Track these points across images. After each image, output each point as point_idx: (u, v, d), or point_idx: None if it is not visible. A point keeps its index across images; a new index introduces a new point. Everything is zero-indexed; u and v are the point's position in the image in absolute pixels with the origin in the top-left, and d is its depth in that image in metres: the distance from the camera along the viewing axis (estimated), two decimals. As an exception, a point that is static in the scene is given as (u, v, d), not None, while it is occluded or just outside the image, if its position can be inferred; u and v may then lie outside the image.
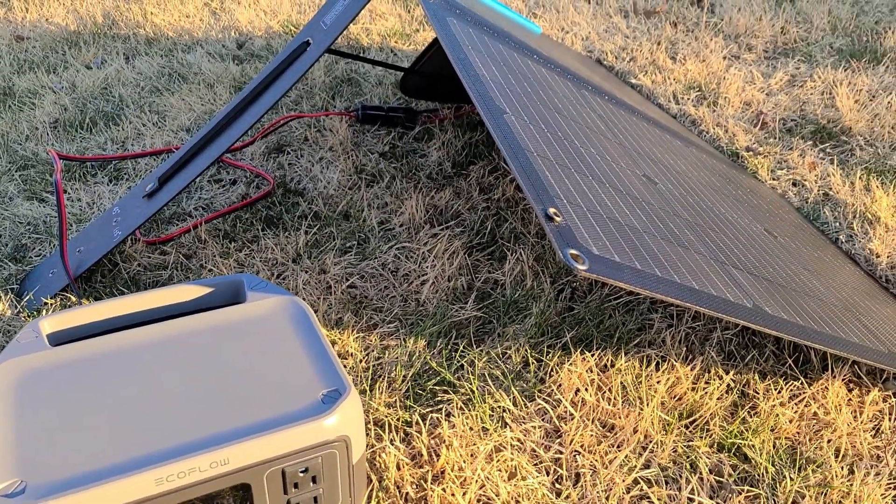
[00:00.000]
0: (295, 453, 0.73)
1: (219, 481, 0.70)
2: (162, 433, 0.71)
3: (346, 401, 0.75)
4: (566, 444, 0.97)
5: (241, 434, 0.71)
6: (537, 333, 1.14)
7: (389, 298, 1.23)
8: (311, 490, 0.76)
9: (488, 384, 1.05)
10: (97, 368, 0.78)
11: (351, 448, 0.77)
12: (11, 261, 1.28)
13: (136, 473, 0.67)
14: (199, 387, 0.76)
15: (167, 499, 0.68)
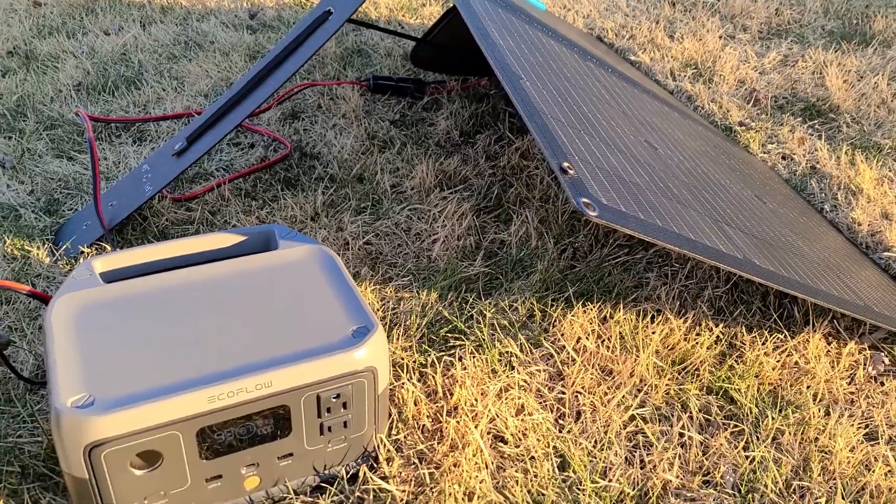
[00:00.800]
0: (329, 380, 0.81)
1: (262, 402, 0.79)
2: (212, 358, 0.79)
3: (374, 336, 0.84)
4: (568, 385, 1.06)
5: (282, 361, 0.79)
6: (542, 288, 1.23)
7: (403, 255, 1.31)
8: (341, 415, 0.85)
9: (497, 332, 1.13)
10: (149, 303, 0.86)
11: (377, 379, 0.85)
12: (46, 213, 1.35)
13: (190, 391, 0.75)
14: (243, 321, 0.85)
15: (217, 415, 0.77)
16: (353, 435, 0.87)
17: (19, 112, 1.68)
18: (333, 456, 0.88)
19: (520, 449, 0.96)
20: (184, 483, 0.80)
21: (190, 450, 0.78)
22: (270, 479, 0.85)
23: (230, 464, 0.81)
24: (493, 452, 0.95)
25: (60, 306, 0.85)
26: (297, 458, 0.85)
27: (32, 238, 1.28)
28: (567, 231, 1.37)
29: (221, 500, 0.84)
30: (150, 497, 0.79)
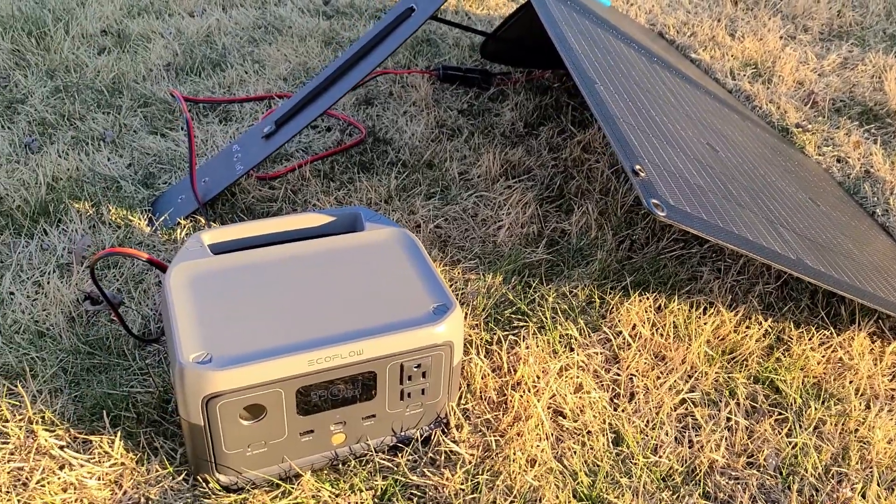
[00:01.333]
0: (412, 352, 0.91)
1: (353, 367, 0.89)
2: (311, 326, 0.90)
3: (453, 313, 0.93)
4: (623, 368, 1.14)
5: (372, 332, 0.90)
6: (600, 276, 1.31)
7: (470, 239, 1.41)
8: (420, 383, 0.95)
9: (557, 315, 1.22)
10: (255, 273, 0.97)
11: (453, 352, 0.95)
12: (143, 186, 1.48)
13: (294, 354, 0.86)
14: (337, 293, 0.95)
15: (314, 377, 0.87)
16: (428, 402, 0.97)
17: (115, 89, 1.80)
18: (410, 419, 0.98)
19: (577, 423, 1.05)
20: (281, 435, 0.90)
21: (289, 406, 0.88)
22: (354, 437, 0.96)
23: (321, 421, 0.92)
24: (553, 425, 1.05)
25: (177, 273, 0.96)
26: (379, 420, 0.96)
27: (133, 209, 1.40)
28: (625, 223, 1.45)
29: (311, 453, 0.95)
30: (253, 445, 0.90)
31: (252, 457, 0.91)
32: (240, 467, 0.91)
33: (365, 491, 0.95)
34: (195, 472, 0.92)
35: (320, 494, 0.93)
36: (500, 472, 0.97)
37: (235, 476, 0.92)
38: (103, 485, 0.94)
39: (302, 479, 0.94)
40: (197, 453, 0.89)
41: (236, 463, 0.90)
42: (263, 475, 0.93)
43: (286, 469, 0.94)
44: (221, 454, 0.89)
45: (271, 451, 0.91)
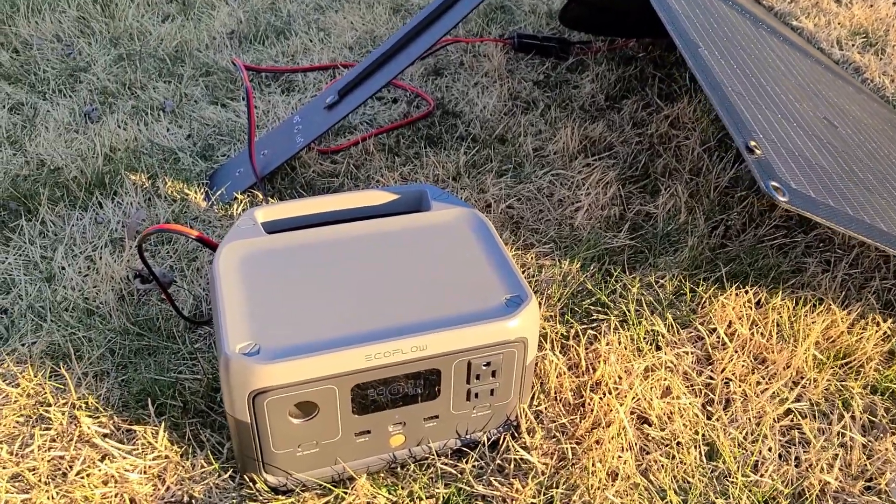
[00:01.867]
0: (481, 348, 0.81)
1: (416, 364, 0.79)
2: (371, 316, 0.80)
3: (528, 307, 0.82)
4: (717, 371, 1.01)
5: (437, 325, 0.80)
6: (691, 266, 1.18)
7: (545, 221, 1.29)
8: (489, 383, 0.84)
9: (642, 308, 1.10)
10: (310, 255, 0.88)
11: (527, 350, 0.84)
12: (201, 158, 1.41)
13: (350, 348, 0.77)
14: (399, 280, 0.85)
15: (372, 373, 0.78)
16: (497, 403, 0.87)
17: (178, 58, 1.74)
18: (477, 422, 0.88)
19: (665, 432, 0.93)
20: (335, 435, 0.82)
21: (344, 404, 0.79)
22: (415, 439, 0.86)
23: (379, 421, 0.83)
24: (637, 433, 0.93)
25: (227, 254, 0.88)
26: (443, 421, 0.86)
27: (190, 182, 1.34)
28: (719, 207, 1.30)
29: (367, 455, 0.86)
30: (304, 445, 0.81)
31: (303, 457, 0.83)
32: (289, 468, 0.83)
33: (425, 500, 0.85)
34: (242, 471, 0.85)
35: (376, 501, 0.85)
36: (577, 486, 0.86)
37: (284, 477, 0.84)
38: (146, 479, 0.87)
39: (356, 483, 0.86)
40: (244, 451, 0.81)
41: (285, 463, 0.82)
42: (314, 478, 0.85)
43: (339, 471, 0.86)
44: (269, 453, 0.81)
45: (324, 451, 0.83)
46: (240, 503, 0.85)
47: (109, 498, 0.86)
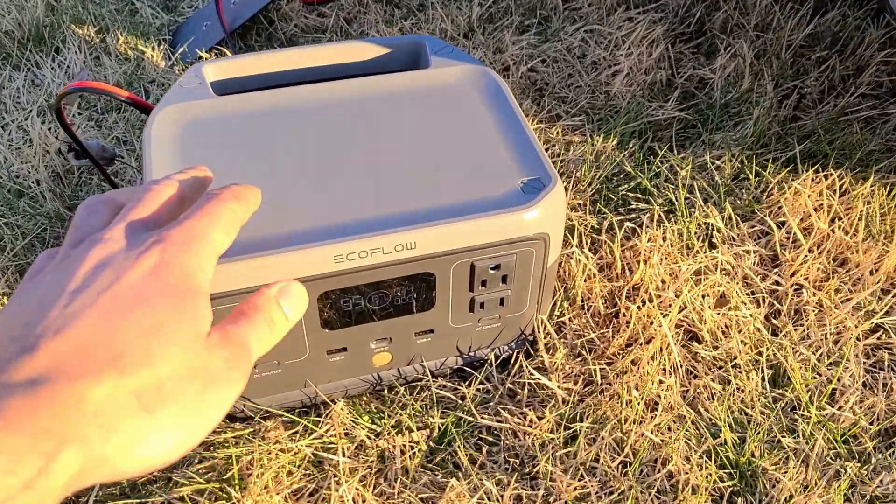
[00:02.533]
0: (488, 247, 0.61)
1: (401, 267, 0.60)
2: (343, 204, 0.60)
3: (551, 193, 0.62)
4: (786, 275, 0.81)
5: (431, 217, 0.59)
6: (755, 144, 0.95)
7: (575, 88, 1.06)
8: (498, 290, 0.65)
9: (693, 196, 0.88)
10: (268, 123, 0.67)
11: (548, 249, 0.64)
12: (163, 10, 1.18)
13: (314, 246, 0.57)
14: (383, 157, 0.64)
15: (345, 278, 0.59)
16: (509, 314, 0.68)
17: None
18: (482, 337, 0.70)
19: (719, 352, 0.74)
20: (301, 353, 0.64)
21: (309, 316, 0.61)
22: (404, 358, 0.69)
23: (357, 336, 0.65)
24: (684, 353, 0.74)
25: (163, 119, 0.67)
26: (439, 337, 0.68)
27: (147, 37, 1.11)
28: (792, 71, 1.06)
29: (344, 377, 0.68)
30: (263, 366, 0.64)
31: (262, 381, 0.65)
32: (245, 392, 0.66)
33: (416, 431, 0.68)
34: None
35: (354, 433, 0.68)
36: (607, 419, 0.68)
37: (240, 402, 0.67)
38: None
39: (331, 410, 0.69)
40: None
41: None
42: (279, 403, 0.68)
43: (311, 396, 0.68)
44: None
45: (289, 373, 0.65)
46: (187, 432, 0.69)
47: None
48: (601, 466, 0.66)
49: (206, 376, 0.34)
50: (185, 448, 0.33)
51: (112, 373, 0.31)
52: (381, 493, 0.65)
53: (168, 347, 0.33)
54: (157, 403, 0.32)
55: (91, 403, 0.30)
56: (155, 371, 0.32)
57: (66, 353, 0.31)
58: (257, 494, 0.63)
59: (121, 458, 0.31)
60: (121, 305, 0.33)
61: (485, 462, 0.67)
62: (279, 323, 0.41)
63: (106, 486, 0.65)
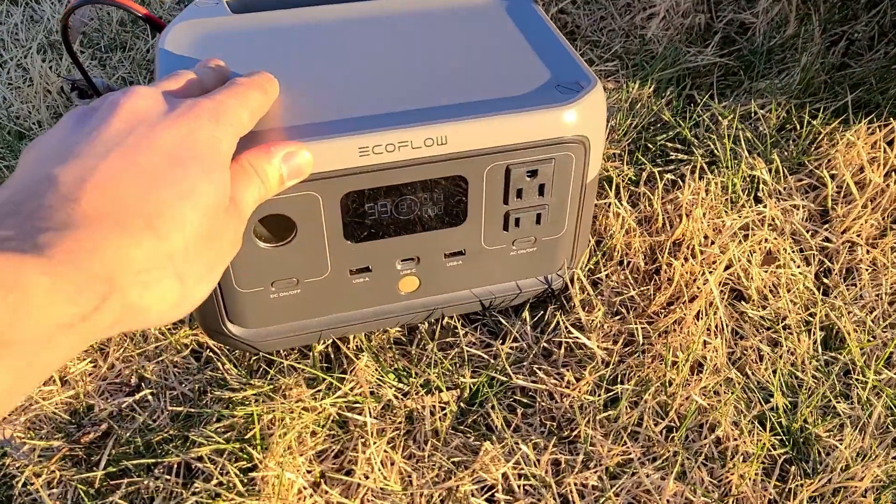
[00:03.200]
0: (524, 147, 0.56)
1: (431, 167, 0.55)
2: (370, 100, 0.56)
3: (591, 93, 0.57)
4: (837, 231, 0.76)
5: (463, 113, 0.54)
6: (801, 92, 0.90)
7: (608, 32, 1.00)
8: (535, 204, 0.59)
9: (738, 146, 0.83)
10: (289, 39, 0.62)
11: (588, 157, 0.59)
12: (169, -56, 1.11)
13: (338, 137, 0.52)
14: (411, 64, 0.60)
15: (370, 177, 0.54)
16: (546, 237, 0.63)
17: None
18: (517, 265, 0.64)
19: (767, 311, 0.70)
20: (322, 271, 0.59)
21: (331, 223, 0.56)
22: (433, 284, 0.63)
23: (382, 253, 0.59)
24: (730, 312, 0.70)
25: (176, 34, 0.62)
26: (470, 260, 0.62)
27: (154, -28, 1.05)
28: (840, 15, 0.99)
29: (368, 304, 0.63)
30: (280, 284, 0.58)
31: (279, 302, 0.60)
32: (261, 316, 0.60)
33: (445, 391, 0.64)
34: (203, 328, 0.63)
35: (381, 391, 0.64)
36: (649, 381, 0.64)
37: (255, 328, 0.61)
38: (83, 354, 0.67)
39: (356, 367, 0.65)
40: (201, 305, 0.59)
41: (256, 310, 0.60)
42: (296, 334, 0.63)
43: (332, 324, 0.63)
44: (233, 295, 0.58)
45: (308, 295, 0.60)
46: (204, 388, 0.65)
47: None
48: (644, 431, 0.62)
49: (220, 243, 0.38)
50: (194, 305, 0.38)
51: (149, 234, 0.33)
52: (411, 456, 0.61)
53: (197, 215, 0.35)
54: (186, 268, 0.35)
55: (134, 262, 0.33)
56: (185, 236, 0.35)
57: (109, 206, 0.33)
58: (280, 455, 0.59)
59: (153, 313, 0.34)
60: (155, 165, 0.35)
61: (519, 425, 0.63)
62: (274, 183, 0.43)
63: (120, 444, 0.61)
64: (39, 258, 0.30)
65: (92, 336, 0.32)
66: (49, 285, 0.29)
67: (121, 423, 0.63)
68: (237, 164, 0.41)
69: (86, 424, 0.62)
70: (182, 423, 0.62)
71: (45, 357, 0.29)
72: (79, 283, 0.30)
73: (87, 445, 0.61)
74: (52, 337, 0.29)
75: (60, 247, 0.30)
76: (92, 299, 0.31)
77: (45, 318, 0.29)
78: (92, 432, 0.61)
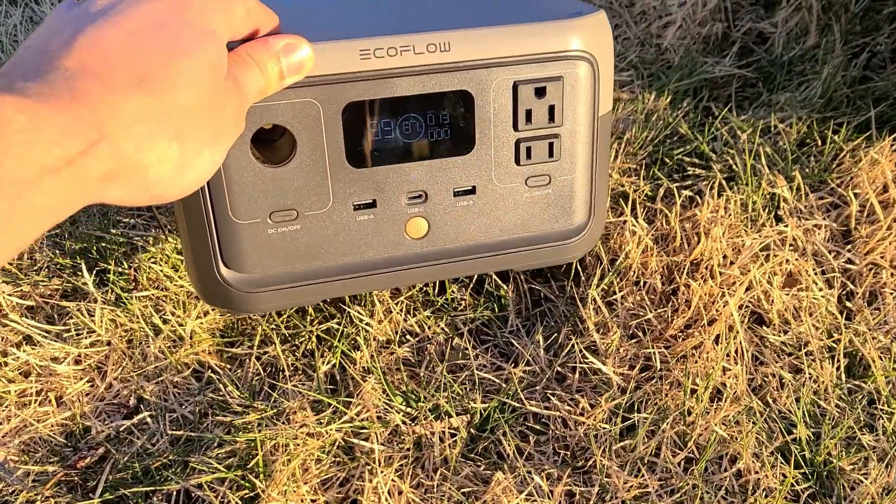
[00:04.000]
0: (528, 59, 0.54)
1: (434, 79, 0.53)
2: (374, 13, 0.56)
3: (594, 15, 0.56)
4: (860, 252, 0.74)
5: (467, 24, 0.54)
6: (824, 106, 0.87)
7: (623, 41, 0.97)
8: (546, 130, 0.57)
9: (759, 162, 0.81)
10: None
11: (598, 79, 0.56)
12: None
13: (340, 40, 0.51)
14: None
15: (373, 85, 0.52)
16: (561, 176, 0.59)
17: None
18: (531, 211, 0.60)
19: (789, 336, 0.67)
20: (324, 202, 0.55)
21: (333, 138, 0.53)
22: (442, 229, 0.58)
23: (387, 183, 0.56)
24: (751, 337, 0.68)
25: None
26: (482, 199, 0.58)
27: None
28: (862, 26, 0.97)
29: (374, 251, 0.58)
30: (279, 214, 0.54)
31: (277, 238, 0.55)
32: (259, 255, 0.55)
33: (455, 416, 0.62)
34: (198, 289, 0.58)
35: (389, 416, 0.61)
36: (667, 409, 0.62)
37: (251, 273, 0.56)
38: (79, 372, 0.65)
39: (362, 389, 0.62)
40: (195, 242, 0.55)
41: (253, 246, 0.55)
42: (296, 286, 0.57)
43: (334, 273, 0.58)
44: (229, 228, 0.54)
45: (308, 231, 0.55)
46: (204, 410, 0.62)
47: (28, 396, 0.63)
48: (662, 462, 0.59)
49: (221, 114, 0.38)
50: (198, 178, 0.38)
51: (140, 92, 0.34)
52: (419, 485, 0.59)
53: (189, 77, 0.35)
54: (184, 130, 0.35)
55: (125, 115, 0.33)
56: (179, 97, 0.35)
57: (95, 63, 0.33)
58: (283, 484, 0.57)
59: (152, 173, 0.35)
60: (142, 29, 0.35)
61: (532, 453, 0.60)
62: (273, 75, 0.43)
63: (117, 469, 0.58)
64: (14, 96, 0.30)
65: (83, 186, 0.32)
66: (25, 123, 0.30)
67: (118, 446, 0.60)
68: (235, 54, 0.41)
69: (82, 448, 0.60)
70: (182, 448, 0.60)
71: (31, 200, 0.30)
72: (61, 126, 0.31)
73: (83, 470, 0.59)
74: (38, 179, 0.30)
75: (37, 90, 0.31)
76: (77, 143, 0.31)
77: (27, 157, 0.29)
78: (88, 457, 0.59)
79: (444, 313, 0.69)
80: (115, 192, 0.34)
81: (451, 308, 0.70)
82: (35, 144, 0.30)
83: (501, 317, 0.70)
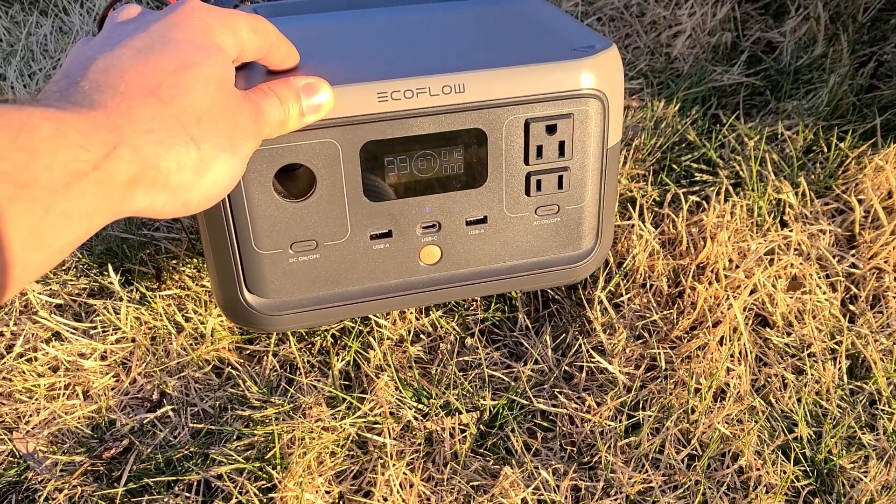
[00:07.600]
0: (541, 99, 0.56)
1: (449, 118, 0.55)
2: (392, 57, 0.57)
3: (606, 52, 0.57)
4: (864, 257, 0.75)
5: (481, 65, 0.55)
6: (830, 115, 0.89)
7: (633, 49, 0.99)
8: (556, 163, 0.58)
9: (765, 169, 0.82)
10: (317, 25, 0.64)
11: (608, 114, 0.58)
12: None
13: (358, 83, 0.52)
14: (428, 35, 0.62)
15: (390, 126, 0.54)
16: (569, 205, 0.61)
17: None
18: (540, 237, 0.62)
19: (792, 338, 0.69)
20: (342, 233, 0.57)
21: (351, 175, 0.55)
22: (455, 257, 0.61)
23: (403, 213, 0.58)
24: (755, 339, 0.69)
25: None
26: (493, 228, 0.60)
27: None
28: (869, 36, 0.98)
29: (390, 277, 0.60)
30: (299, 245, 0.57)
31: (298, 267, 0.58)
32: (281, 283, 0.58)
33: (465, 413, 0.64)
34: (223, 310, 0.60)
35: (401, 412, 0.64)
36: (672, 407, 0.63)
37: (273, 298, 0.58)
38: (105, 367, 0.67)
39: (375, 386, 0.65)
40: (220, 269, 0.57)
41: (275, 274, 0.57)
42: (315, 309, 0.60)
43: (351, 297, 0.60)
44: (252, 258, 0.56)
45: (327, 260, 0.58)
46: (224, 405, 0.65)
47: (57, 390, 0.66)
48: (665, 459, 0.61)
49: (234, 124, 0.40)
50: (218, 182, 0.39)
51: (153, 100, 0.36)
52: (430, 479, 0.61)
53: (199, 84, 0.38)
54: (199, 133, 0.37)
55: (140, 121, 0.35)
56: (189, 103, 0.37)
57: (111, 80, 0.36)
58: (299, 476, 0.59)
59: (174, 178, 0.36)
60: (151, 46, 0.38)
61: (539, 449, 0.62)
62: (293, 113, 0.45)
63: (141, 460, 0.61)
64: (38, 107, 0.32)
65: (111, 191, 0.33)
66: (51, 129, 0.31)
67: (142, 438, 0.63)
68: (257, 87, 0.43)
69: (108, 439, 0.63)
70: (202, 441, 0.62)
71: (63, 205, 0.31)
72: (84, 131, 0.32)
73: (108, 461, 0.62)
74: (67, 184, 0.31)
75: (60, 105, 0.34)
76: (100, 147, 0.33)
77: (57, 163, 0.31)
78: (113, 448, 0.62)
79: (456, 313, 0.71)
80: (143, 199, 0.35)
81: (463, 308, 0.72)
82: (61, 149, 0.31)
83: (511, 317, 0.72)
